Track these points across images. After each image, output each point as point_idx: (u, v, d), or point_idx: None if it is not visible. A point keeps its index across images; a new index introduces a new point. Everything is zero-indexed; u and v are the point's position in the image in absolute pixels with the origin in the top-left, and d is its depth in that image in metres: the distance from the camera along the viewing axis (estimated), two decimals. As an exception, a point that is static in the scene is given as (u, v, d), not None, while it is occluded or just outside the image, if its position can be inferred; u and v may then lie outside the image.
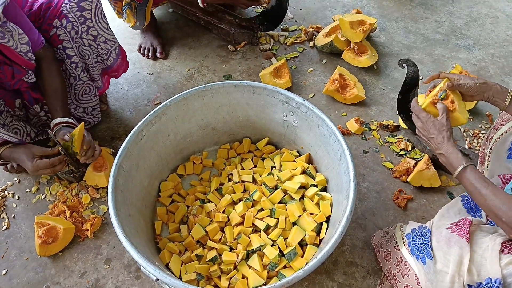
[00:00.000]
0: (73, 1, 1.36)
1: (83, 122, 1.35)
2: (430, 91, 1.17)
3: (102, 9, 1.44)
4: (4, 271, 1.34)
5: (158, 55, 2.05)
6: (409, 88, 1.48)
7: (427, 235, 1.05)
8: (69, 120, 1.38)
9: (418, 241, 1.07)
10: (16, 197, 1.53)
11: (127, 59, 1.70)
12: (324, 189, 1.38)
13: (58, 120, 1.36)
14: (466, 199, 1.16)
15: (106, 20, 1.47)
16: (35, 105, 1.45)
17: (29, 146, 1.36)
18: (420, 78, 1.87)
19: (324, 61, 2.00)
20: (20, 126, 1.43)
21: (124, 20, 1.86)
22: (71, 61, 1.44)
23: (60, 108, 1.39)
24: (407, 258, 1.09)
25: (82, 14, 1.38)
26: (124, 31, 2.18)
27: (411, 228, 1.13)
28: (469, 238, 0.97)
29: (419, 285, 1.03)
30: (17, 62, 1.27)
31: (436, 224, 1.08)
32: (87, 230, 1.40)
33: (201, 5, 1.83)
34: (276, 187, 1.40)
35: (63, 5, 1.35)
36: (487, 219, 1.09)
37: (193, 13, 2.11)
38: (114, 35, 1.53)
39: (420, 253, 1.04)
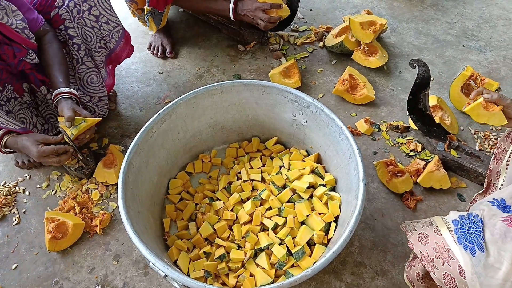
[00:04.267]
0: None
1: (100, 119, 1.38)
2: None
3: None
4: (14, 265, 1.35)
5: (168, 54, 2.06)
6: (420, 88, 1.47)
7: (478, 225, 0.98)
8: (72, 90, 1.37)
9: (468, 230, 0.99)
10: (27, 192, 1.55)
11: (131, 44, 1.71)
12: (333, 189, 1.38)
13: (61, 89, 1.35)
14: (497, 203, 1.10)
15: (109, 1, 1.49)
16: (41, 86, 1.45)
17: (32, 134, 1.36)
18: (431, 79, 1.86)
19: (334, 62, 2.00)
20: (26, 116, 1.44)
21: (148, 28, 1.90)
22: (73, 42, 1.45)
23: (63, 79, 1.37)
24: (450, 246, 1.01)
25: None
26: (135, 30, 2.19)
27: (458, 215, 1.05)
28: None
29: (462, 276, 0.96)
30: (16, 40, 1.28)
31: (488, 214, 0.99)
32: (96, 226, 1.41)
33: (232, 18, 1.86)
34: (284, 186, 1.40)
35: None
36: None
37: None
38: (117, 17, 1.54)
39: (470, 243, 0.97)
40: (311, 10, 2.31)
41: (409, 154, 1.61)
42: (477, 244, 0.95)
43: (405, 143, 1.64)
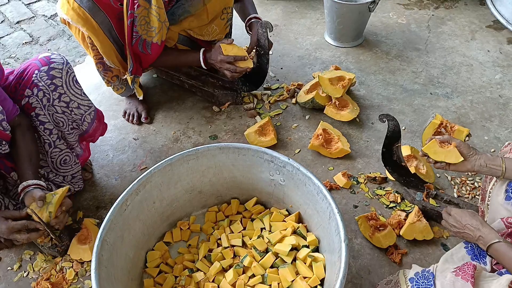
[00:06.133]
0: (43, 71, 1.39)
1: (68, 186, 1.36)
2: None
3: (74, 76, 1.47)
4: None
5: (143, 120, 2.07)
6: (392, 141, 1.50)
7: (430, 278, 1.06)
8: (40, 182, 1.35)
9: (421, 285, 1.07)
10: (-4, 276, 1.46)
11: (105, 122, 1.73)
12: (317, 249, 1.35)
13: (29, 182, 1.32)
14: (470, 246, 1.17)
15: (79, 86, 1.50)
16: (12, 172, 1.42)
17: None
18: (402, 128, 1.90)
19: (307, 117, 2.03)
20: None
21: (138, 96, 1.95)
22: (44, 127, 1.44)
23: (32, 172, 1.36)
24: None
25: (53, 82, 1.40)
26: (109, 98, 2.20)
27: (414, 272, 1.13)
28: (474, 282, 0.95)
29: None
30: None
31: (440, 268, 1.08)
32: (71, 308, 1.33)
33: (204, 67, 1.90)
34: (267, 250, 1.36)
35: (33, 75, 1.39)
36: (491, 267, 1.09)
37: (177, 77, 2.16)
38: (89, 100, 1.55)
39: None
40: (281, 68, 2.38)
41: (389, 206, 1.60)
42: None
43: (384, 195, 1.64)
